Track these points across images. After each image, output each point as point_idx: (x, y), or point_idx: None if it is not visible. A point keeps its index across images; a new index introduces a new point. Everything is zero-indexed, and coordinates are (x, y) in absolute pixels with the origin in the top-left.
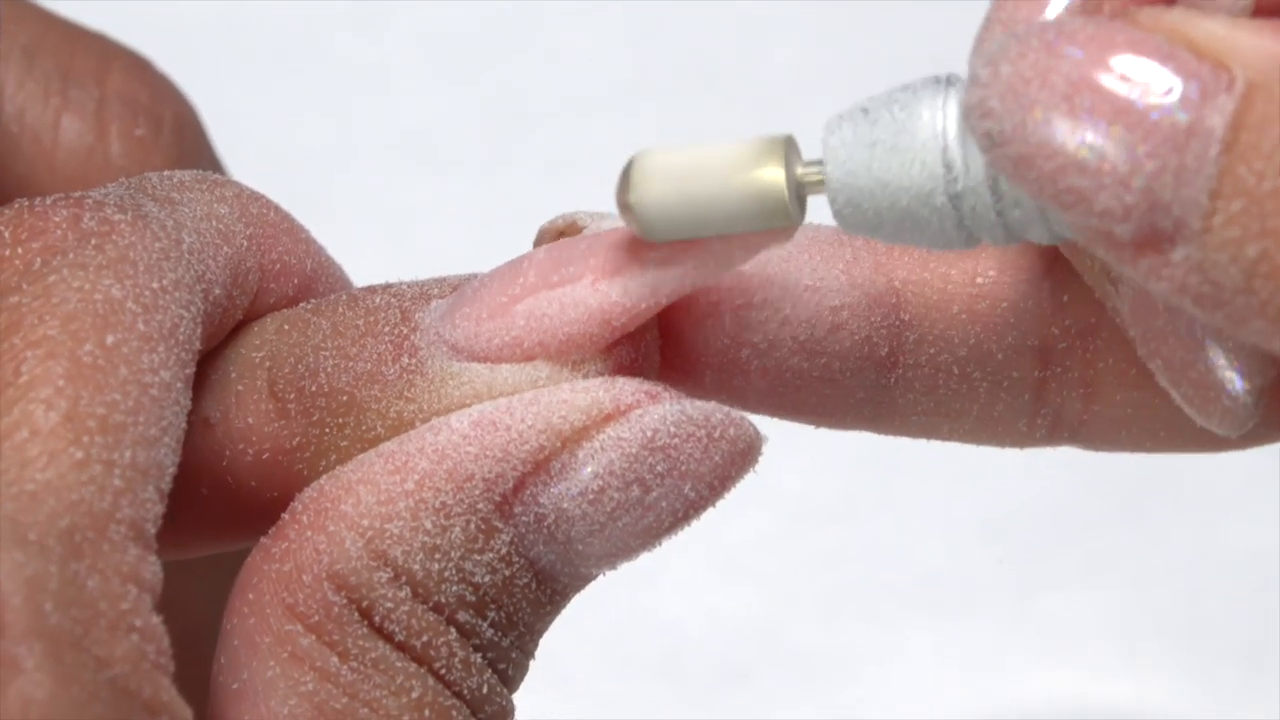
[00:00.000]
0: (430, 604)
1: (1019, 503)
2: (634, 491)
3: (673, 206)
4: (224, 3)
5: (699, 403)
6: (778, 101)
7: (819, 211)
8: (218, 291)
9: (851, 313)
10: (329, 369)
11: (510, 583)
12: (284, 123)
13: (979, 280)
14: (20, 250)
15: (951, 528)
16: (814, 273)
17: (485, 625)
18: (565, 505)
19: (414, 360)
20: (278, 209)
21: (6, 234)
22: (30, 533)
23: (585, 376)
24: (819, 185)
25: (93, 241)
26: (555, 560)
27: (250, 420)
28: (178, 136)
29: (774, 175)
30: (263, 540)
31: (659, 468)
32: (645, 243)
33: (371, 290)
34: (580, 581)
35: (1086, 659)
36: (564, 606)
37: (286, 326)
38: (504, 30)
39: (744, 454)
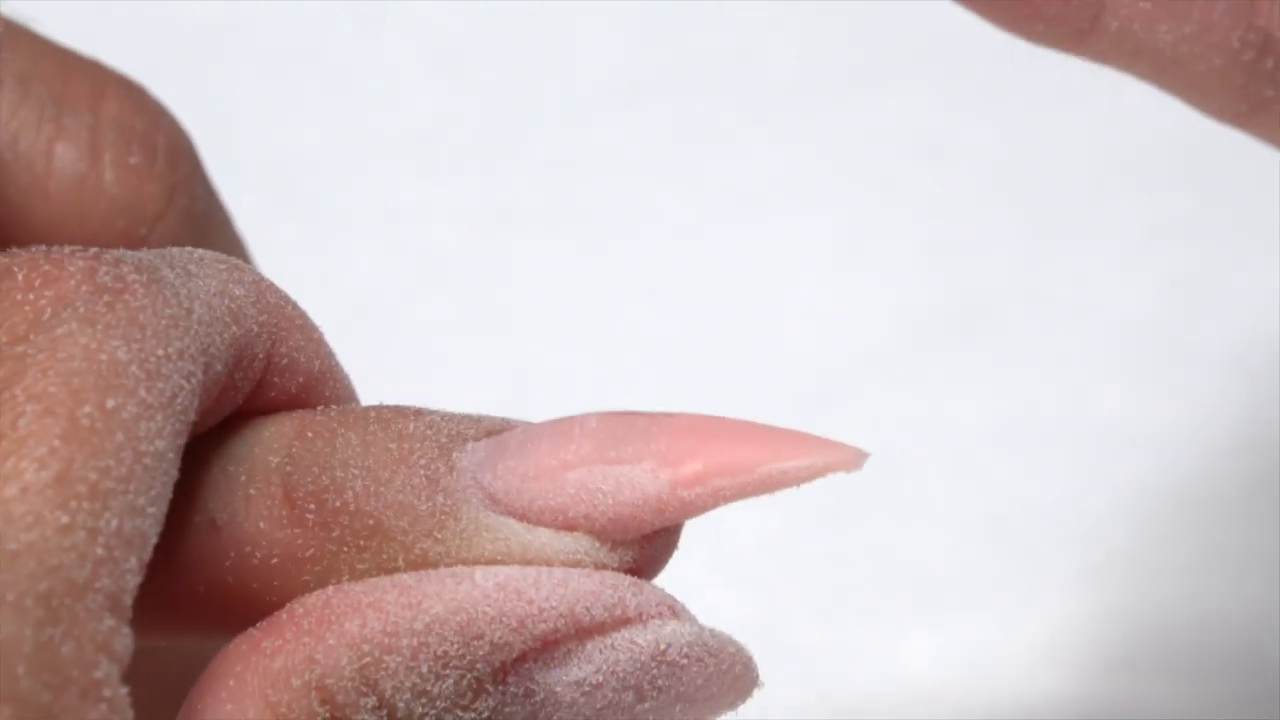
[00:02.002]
0: None
1: (1021, 503)
2: (628, 696)
3: None
4: (219, 2)
5: (717, 632)
6: (782, 101)
7: None
8: (219, 367)
9: (1236, 16)
10: (357, 489)
11: None
12: (279, 121)
13: None
14: (32, 297)
15: (953, 528)
16: None
17: None
18: (559, 689)
19: (449, 502)
20: (294, 305)
21: (20, 278)
22: (9, 593)
23: (620, 558)
24: None
25: (105, 298)
26: None
27: (262, 525)
28: (172, 164)
29: None
30: (251, 630)
31: (660, 681)
32: (709, 434)
33: (402, 414)
34: None
35: (1088, 660)
36: None
37: (310, 434)
38: (504, 27)
39: (740, 692)
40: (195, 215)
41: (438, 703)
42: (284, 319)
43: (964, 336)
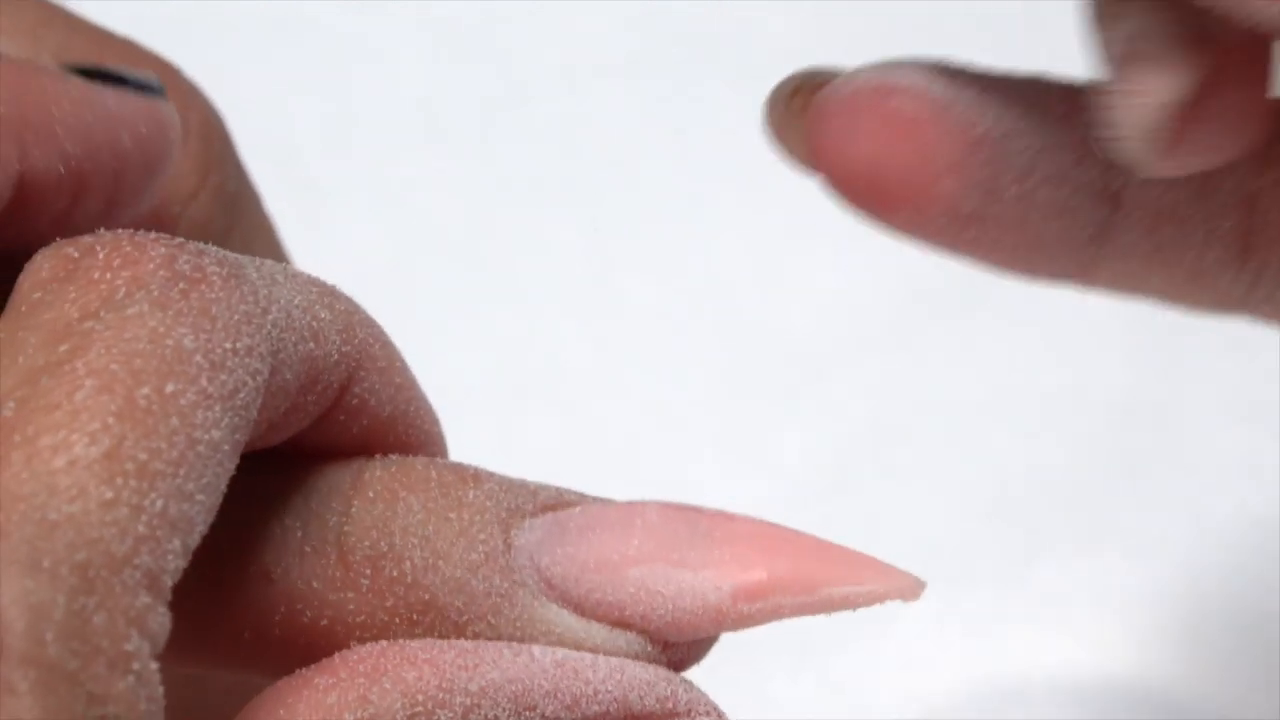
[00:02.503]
0: None
1: (1019, 471)
2: None
3: None
4: None
5: None
6: (782, 74)
7: None
8: (288, 376)
9: (1093, 145)
10: (416, 560)
11: None
12: (275, 94)
13: None
14: (110, 276)
15: (950, 497)
16: (1061, 102)
17: None
18: None
19: (506, 584)
20: (386, 345)
21: (101, 256)
22: (44, 560)
23: (669, 656)
24: None
25: (180, 285)
26: None
27: (315, 584)
28: (204, 143)
29: None
30: (302, 670)
31: None
32: (773, 547)
33: (462, 478)
34: None
35: (1085, 628)
36: None
37: (371, 494)
38: (503, 1)
39: None
40: (227, 194)
41: None
42: (367, 357)
43: (963, 307)
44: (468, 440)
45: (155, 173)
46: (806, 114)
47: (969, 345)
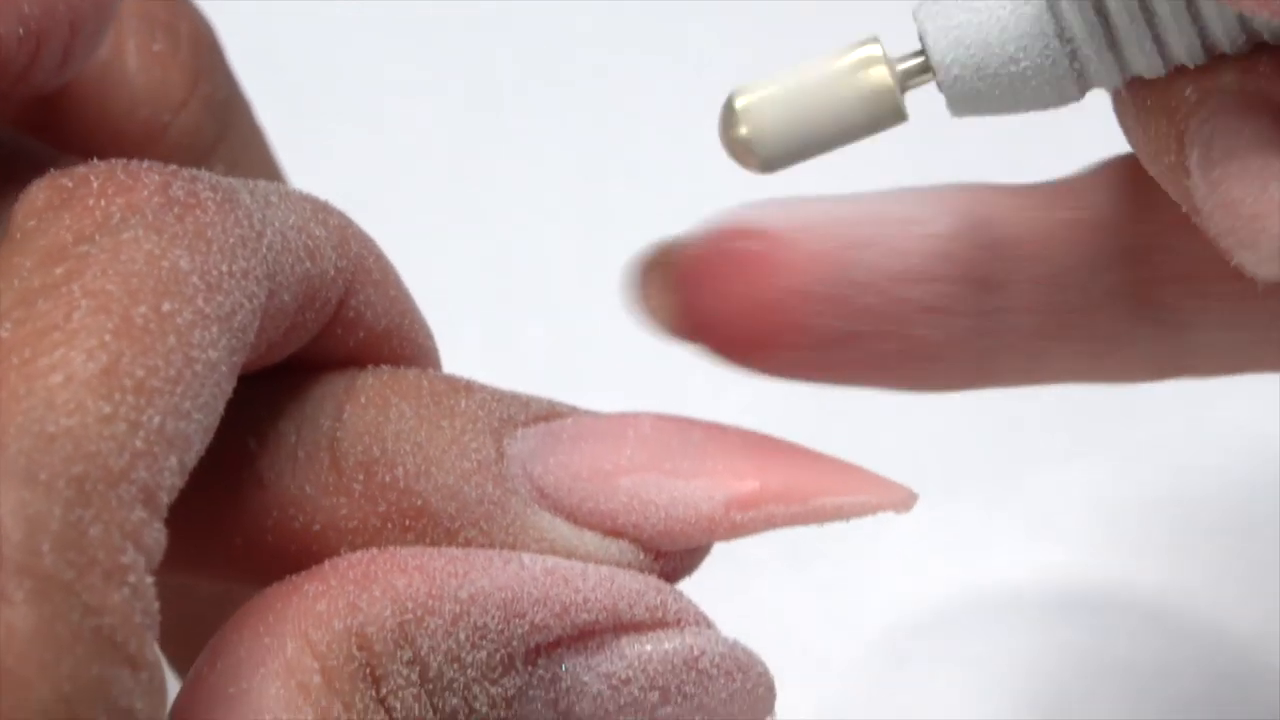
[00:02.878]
0: (431, 703)
1: None
2: (653, 697)
3: (784, 132)
4: None
5: (748, 648)
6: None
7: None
8: (286, 298)
9: (951, 236)
10: (408, 466)
11: None
12: (267, 5)
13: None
14: (104, 202)
15: (941, 407)
16: (908, 207)
17: None
18: (586, 678)
19: (498, 492)
20: (379, 257)
21: (95, 185)
22: (41, 472)
23: (661, 566)
24: (922, 72)
25: (175, 210)
26: None
27: (308, 489)
28: (194, 52)
29: (879, 75)
30: (291, 576)
31: (687, 688)
32: (765, 457)
33: (454, 388)
34: None
35: (1075, 537)
36: None
37: (364, 400)
38: None
39: (758, 714)
40: (217, 103)
41: (468, 671)
42: (362, 270)
43: None
44: (457, 351)
45: (108, 15)
46: (669, 289)
47: None
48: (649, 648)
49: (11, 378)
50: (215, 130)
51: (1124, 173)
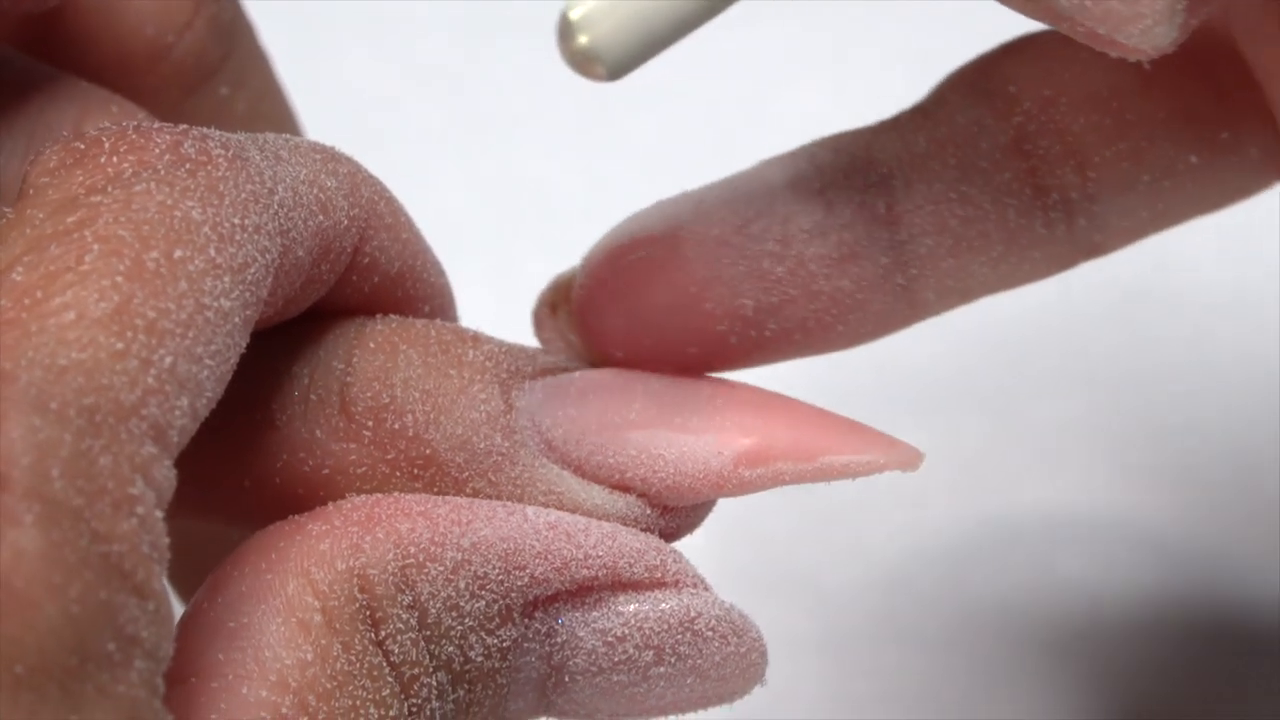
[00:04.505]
0: (429, 649)
1: (1007, 305)
2: (647, 656)
3: (625, 33)
4: None
5: (744, 613)
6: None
7: None
8: (300, 253)
9: (838, 185)
10: (418, 414)
11: (490, 676)
12: None
13: (928, 105)
14: (116, 159)
15: (948, 334)
16: (786, 169)
17: (449, 697)
18: (581, 633)
19: (507, 444)
20: (389, 201)
21: (107, 145)
22: (52, 402)
23: (666, 521)
24: None
25: (186, 166)
26: (532, 678)
27: (318, 433)
28: None
29: None
30: (295, 516)
31: (681, 649)
32: (773, 414)
33: (461, 338)
34: None
35: (1079, 465)
36: None
37: (373, 345)
38: None
39: (748, 680)
40: (222, 24)
41: (466, 620)
42: (374, 215)
43: None
44: (460, 283)
45: None
46: (573, 328)
47: None
48: (646, 607)
49: (24, 317)
50: (220, 51)
51: (977, 77)
